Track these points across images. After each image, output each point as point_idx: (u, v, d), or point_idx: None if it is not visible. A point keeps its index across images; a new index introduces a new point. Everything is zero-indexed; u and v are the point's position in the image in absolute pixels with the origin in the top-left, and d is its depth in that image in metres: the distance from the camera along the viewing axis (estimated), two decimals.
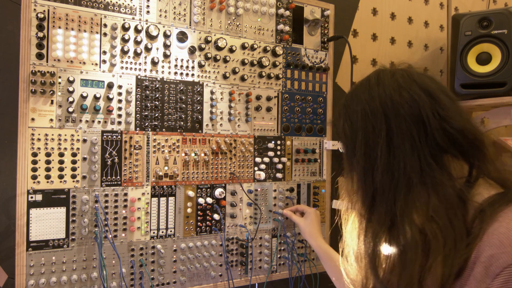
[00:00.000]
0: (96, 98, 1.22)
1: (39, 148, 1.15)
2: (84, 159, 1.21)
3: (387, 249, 0.78)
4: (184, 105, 1.36)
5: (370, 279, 0.84)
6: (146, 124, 1.30)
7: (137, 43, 1.28)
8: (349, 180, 0.89)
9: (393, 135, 0.78)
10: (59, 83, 1.18)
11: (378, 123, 0.80)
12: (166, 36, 1.33)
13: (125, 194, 1.26)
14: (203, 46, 1.39)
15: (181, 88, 1.36)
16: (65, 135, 1.19)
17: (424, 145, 0.76)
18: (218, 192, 1.41)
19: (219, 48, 1.43)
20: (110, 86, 1.24)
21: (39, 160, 1.15)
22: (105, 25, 1.24)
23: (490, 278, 0.63)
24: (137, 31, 1.28)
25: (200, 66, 1.39)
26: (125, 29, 1.26)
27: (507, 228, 0.65)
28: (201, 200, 1.38)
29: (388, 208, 0.77)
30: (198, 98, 1.39)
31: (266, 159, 1.52)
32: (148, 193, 1.30)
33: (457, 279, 0.69)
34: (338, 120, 0.91)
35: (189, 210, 1.36)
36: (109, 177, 1.24)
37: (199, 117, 1.39)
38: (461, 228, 0.70)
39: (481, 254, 0.66)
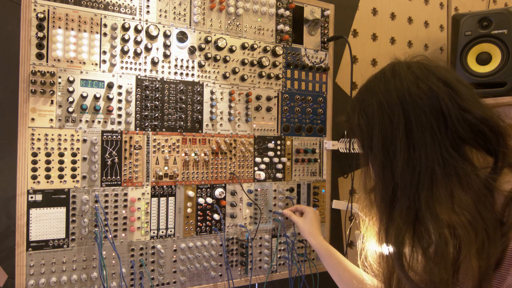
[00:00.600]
0: (96, 98, 1.22)
1: (39, 148, 1.15)
2: (84, 159, 1.21)
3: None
4: (184, 105, 1.36)
5: (394, 279, 0.80)
6: (146, 124, 1.30)
7: (137, 43, 1.28)
8: (366, 177, 0.86)
9: (412, 127, 0.76)
10: (59, 83, 1.18)
11: (396, 116, 0.77)
12: (166, 36, 1.33)
13: (125, 194, 1.26)
14: (203, 46, 1.39)
15: (181, 88, 1.36)
16: (65, 135, 1.19)
17: (444, 137, 0.74)
18: (218, 192, 1.41)
19: (219, 48, 1.43)
20: (110, 86, 1.24)
21: (39, 160, 1.15)
22: (105, 25, 1.24)
23: None
24: (137, 31, 1.28)
25: (200, 66, 1.39)
26: (125, 29, 1.26)
27: None
28: (201, 200, 1.38)
29: (411, 203, 0.75)
30: (198, 98, 1.39)
31: (266, 159, 1.52)
32: (148, 193, 1.30)
33: (496, 270, 0.66)
34: (352, 115, 0.88)
35: (189, 210, 1.36)
36: (109, 177, 1.24)
37: (199, 117, 1.39)
38: (491, 218, 0.68)
39: None
